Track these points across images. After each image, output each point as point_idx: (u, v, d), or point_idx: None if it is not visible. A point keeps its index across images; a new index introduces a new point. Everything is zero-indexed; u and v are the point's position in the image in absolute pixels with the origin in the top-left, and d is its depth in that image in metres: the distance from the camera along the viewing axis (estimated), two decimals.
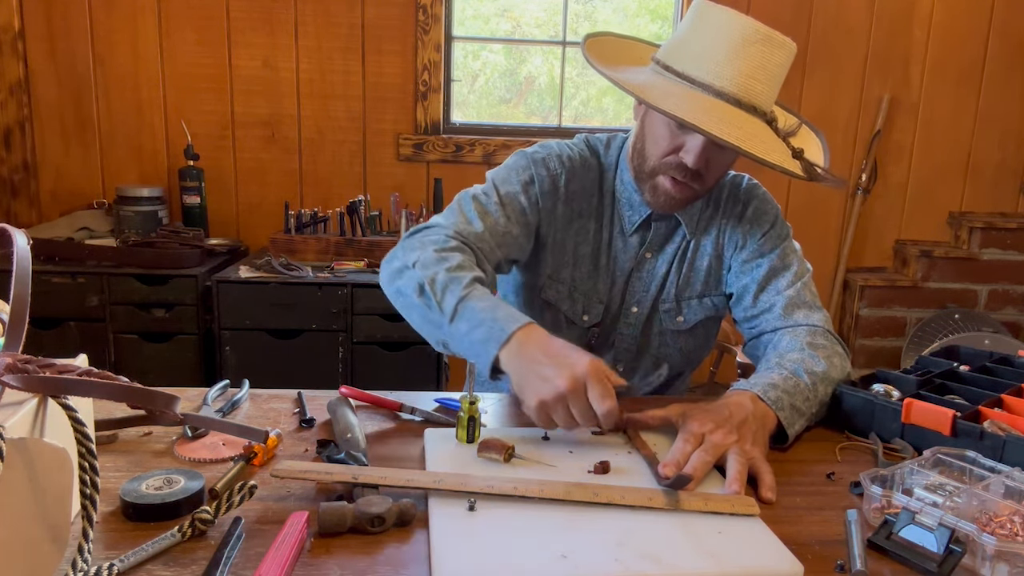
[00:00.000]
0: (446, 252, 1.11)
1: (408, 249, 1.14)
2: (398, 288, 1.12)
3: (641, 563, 0.71)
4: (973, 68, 3.03)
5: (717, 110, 1.07)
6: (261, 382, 1.17)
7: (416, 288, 1.07)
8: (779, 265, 1.26)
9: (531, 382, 0.93)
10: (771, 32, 1.09)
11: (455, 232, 1.16)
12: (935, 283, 3.06)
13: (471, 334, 1.00)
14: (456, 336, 1.03)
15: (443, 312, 1.03)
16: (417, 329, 1.12)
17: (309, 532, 0.75)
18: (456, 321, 1.02)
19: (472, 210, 1.21)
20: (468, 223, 1.19)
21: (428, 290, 1.05)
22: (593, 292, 1.30)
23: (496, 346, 0.97)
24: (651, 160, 1.19)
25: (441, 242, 1.13)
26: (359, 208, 2.59)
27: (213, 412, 1.03)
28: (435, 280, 1.06)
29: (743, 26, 1.08)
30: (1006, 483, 0.84)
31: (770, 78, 1.10)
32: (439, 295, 1.04)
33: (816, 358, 1.11)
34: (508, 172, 1.27)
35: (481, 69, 3.13)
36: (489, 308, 1.02)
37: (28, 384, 0.68)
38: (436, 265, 1.08)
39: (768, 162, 1.05)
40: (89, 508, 0.65)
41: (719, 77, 1.09)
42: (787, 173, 1.09)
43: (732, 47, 1.08)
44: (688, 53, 1.12)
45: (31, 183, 2.82)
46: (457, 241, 1.15)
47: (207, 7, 2.76)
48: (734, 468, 0.88)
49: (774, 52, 1.09)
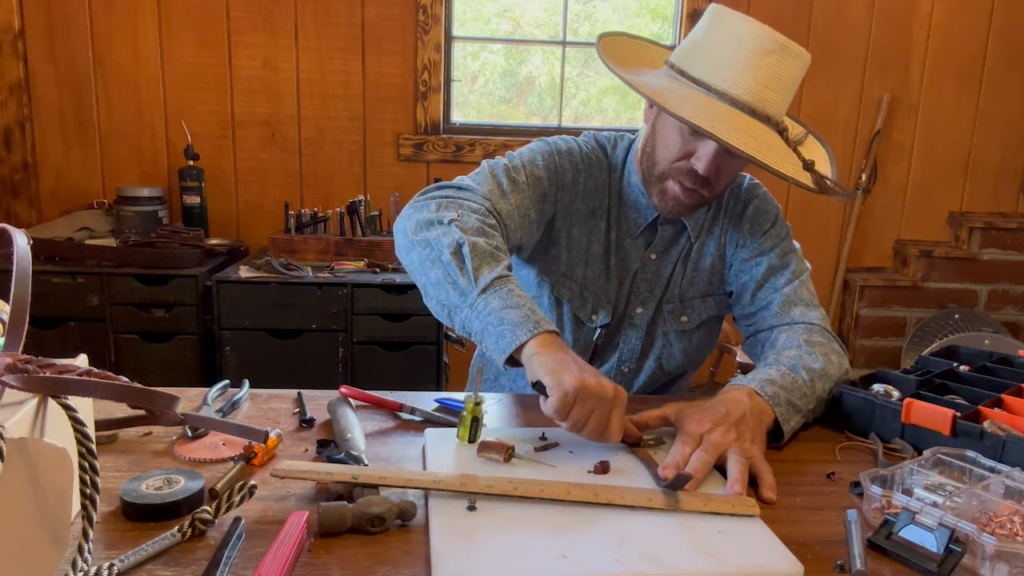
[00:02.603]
0: (488, 226, 1.07)
1: (444, 206, 1.08)
2: (426, 239, 1.03)
3: (641, 563, 0.71)
4: (973, 68, 3.03)
5: (732, 118, 1.07)
6: (261, 382, 1.16)
7: (453, 245, 1.00)
8: (778, 263, 1.26)
9: (569, 369, 0.90)
10: (788, 42, 1.09)
11: (491, 204, 1.12)
12: (935, 283, 3.06)
13: (503, 312, 0.95)
14: (482, 308, 0.96)
15: (475, 282, 0.98)
16: (426, 284, 1.04)
17: (309, 532, 0.75)
18: (489, 295, 0.96)
19: (505, 181, 1.17)
20: (502, 195, 1.15)
21: (467, 252, 0.99)
22: (603, 292, 1.30)
23: (528, 333, 0.93)
24: (661, 164, 1.18)
25: (482, 212, 1.09)
26: (359, 208, 2.59)
27: (213, 412, 1.03)
28: (476, 246, 1.00)
29: (761, 35, 1.08)
30: (1006, 483, 0.84)
31: (784, 88, 1.11)
32: (476, 263, 0.99)
33: (813, 355, 1.11)
34: (533, 154, 1.25)
35: (481, 69, 3.13)
36: (528, 299, 0.98)
37: (28, 384, 0.68)
38: (478, 235, 1.03)
39: (782, 174, 1.06)
40: (89, 508, 0.65)
41: (735, 85, 1.08)
42: (800, 185, 1.09)
43: (749, 56, 1.08)
44: (704, 59, 1.12)
45: (31, 183, 2.82)
46: (494, 217, 1.11)
47: (207, 7, 2.76)
48: (735, 469, 0.88)
49: (790, 63, 1.09)
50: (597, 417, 0.89)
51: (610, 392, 0.90)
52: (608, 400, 0.89)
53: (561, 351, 0.93)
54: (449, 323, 1.03)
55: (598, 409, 0.89)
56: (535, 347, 0.92)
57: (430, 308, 1.05)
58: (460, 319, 1.00)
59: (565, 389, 0.88)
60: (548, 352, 0.92)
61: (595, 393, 0.88)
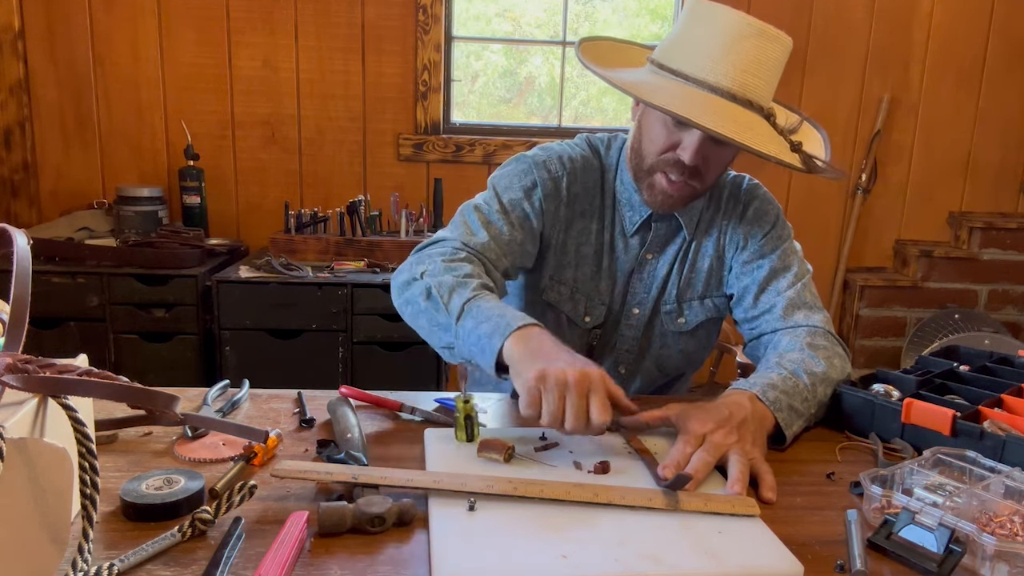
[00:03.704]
0: (454, 263, 1.11)
1: (416, 263, 1.14)
2: (406, 298, 1.12)
3: (641, 563, 0.71)
4: (973, 68, 3.03)
5: (712, 105, 1.07)
6: (261, 382, 1.17)
7: (424, 292, 1.07)
8: (780, 266, 1.26)
9: (534, 361, 0.89)
10: (764, 26, 1.09)
11: (461, 244, 1.17)
12: (935, 283, 3.06)
13: (477, 329, 0.99)
14: (462, 334, 1.02)
15: (449, 312, 1.03)
16: (425, 337, 1.11)
17: (309, 532, 0.75)
18: (463, 319, 1.01)
19: (475, 220, 1.21)
20: (472, 234, 1.19)
21: (435, 293, 1.05)
22: (595, 293, 1.30)
23: (501, 338, 0.95)
24: (648, 158, 1.19)
25: (448, 253, 1.14)
26: (359, 208, 2.59)
27: (213, 412, 1.03)
28: (442, 284, 1.06)
29: (736, 21, 1.08)
30: (1006, 483, 0.84)
31: (766, 72, 1.10)
32: (446, 297, 1.04)
33: (816, 359, 1.11)
34: (510, 178, 1.27)
35: (481, 69, 3.13)
36: (497, 307, 1.01)
37: (28, 384, 0.68)
38: (444, 273, 1.08)
39: (764, 154, 1.05)
40: (89, 508, 0.65)
41: (713, 72, 1.08)
42: (784, 165, 1.08)
43: (725, 42, 1.08)
44: (682, 51, 1.12)
45: (31, 183, 2.82)
46: (465, 252, 1.15)
47: (207, 7, 2.76)
48: (736, 469, 0.88)
49: (769, 46, 1.09)
50: (572, 407, 0.85)
51: (575, 375, 0.86)
52: (577, 383, 0.85)
53: (531, 343, 0.93)
54: (455, 360, 1.09)
55: (572, 397, 0.85)
56: (509, 350, 0.94)
57: (440, 355, 1.11)
58: (457, 352, 1.05)
59: (526, 385, 0.88)
60: (520, 347, 0.93)
61: (557, 380, 0.86)
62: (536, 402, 0.87)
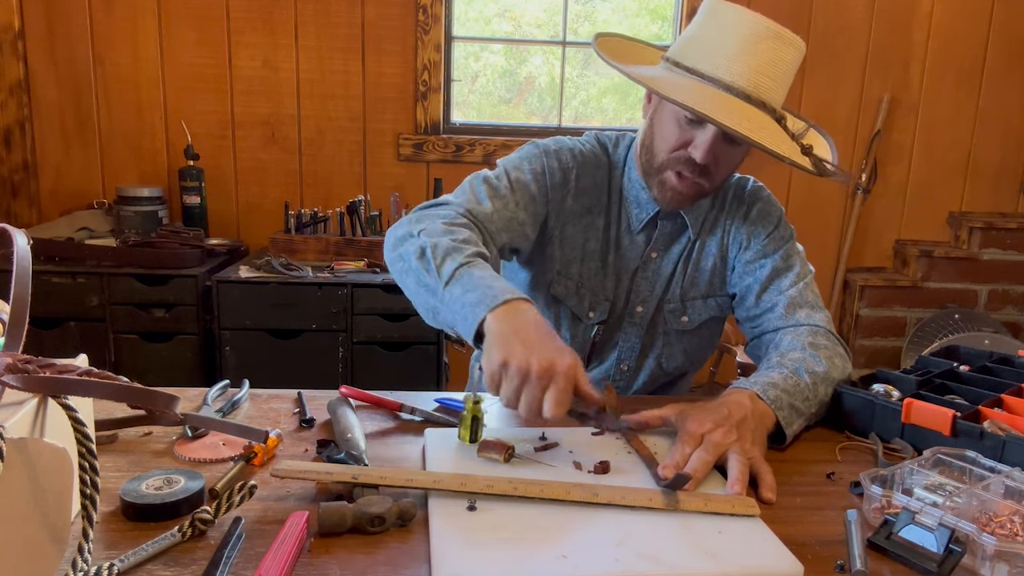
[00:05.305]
0: (455, 227, 1.10)
1: (416, 220, 1.12)
2: (400, 253, 1.09)
3: (641, 563, 0.71)
4: (973, 68, 3.03)
5: (727, 103, 1.07)
6: (261, 382, 1.17)
7: (417, 251, 1.05)
8: (782, 266, 1.26)
9: (506, 343, 0.88)
10: (781, 29, 1.09)
11: (466, 210, 1.16)
12: (935, 283, 3.06)
13: (463, 297, 0.96)
14: (448, 300, 0.98)
15: (440, 276, 1.00)
16: (410, 296, 1.09)
17: (309, 532, 0.75)
18: (451, 285, 0.98)
19: (483, 191, 1.20)
20: (478, 203, 1.19)
21: (429, 254, 1.03)
22: (600, 289, 1.30)
23: (486, 309, 0.92)
24: (660, 156, 1.19)
25: (451, 217, 1.13)
26: (359, 208, 2.59)
27: (213, 412, 1.03)
28: (437, 246, 1.03)
29: (754, 22, 1.09)
30: (1006, 483, 0.84)
31: (779, 75, 1.11)
32: (439, 260, 1.02)
33: (817, 358, 1.11)
34: (520, 160, 1.27)
35: (481, 69, 3.13)
36: (488, 277, 0.99)
37: (28, 384, 0.68)
38: (442, 235, 1.06)
39: (779, 154, 1.05)
40: (89, 508, 0.65)
41: (729, 72, 1.09)
42: (797, 166, 1.09)
43: (742, 43, 1.08)
44: (698, 49, 1.13)
45: (31, 183, 2.82)
46: (466, 219, 1.14)
47: (207, 7, 2.76)
48: (736, 469, 0.88)
49: (784, 49, 1.10)
50: (527, 398, 0.86)
51: (538, 367, 0.85)
52: (538, 375, 0.85)
53: (514, 320, 0.91)
54: (437, 325, 1.06)
55: (528, 389, 0.86)
56: (491, 322, 0.92)
57: (422, 317, 1.09)
58: (441, 317, 1.02)
59: (490, 368, 0.88)
60: (499, 324, 0.91)
61: (519, 368, 0.86)
62: (495, 386, 0.89)
